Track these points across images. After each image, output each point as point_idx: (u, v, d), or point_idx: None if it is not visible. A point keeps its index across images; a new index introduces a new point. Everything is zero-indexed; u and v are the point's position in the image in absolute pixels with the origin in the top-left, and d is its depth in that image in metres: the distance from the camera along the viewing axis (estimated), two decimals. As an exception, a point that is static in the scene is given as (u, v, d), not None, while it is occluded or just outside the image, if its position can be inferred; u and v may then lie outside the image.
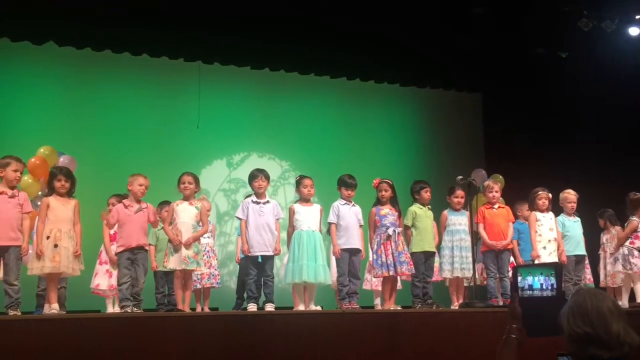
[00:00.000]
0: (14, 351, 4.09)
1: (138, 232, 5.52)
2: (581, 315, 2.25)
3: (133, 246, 5.46)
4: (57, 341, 4.21)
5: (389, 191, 6.20)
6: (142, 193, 5.62)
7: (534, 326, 2.48)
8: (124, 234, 5.53)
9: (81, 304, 6.26)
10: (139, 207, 5.59)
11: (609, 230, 7.20)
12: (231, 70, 8.56)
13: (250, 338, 4.63)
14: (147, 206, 5.65)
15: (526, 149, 8.87)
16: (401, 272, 6.07)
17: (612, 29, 8.13)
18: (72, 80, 8.25)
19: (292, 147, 9.31)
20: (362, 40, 8.33)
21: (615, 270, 6.84)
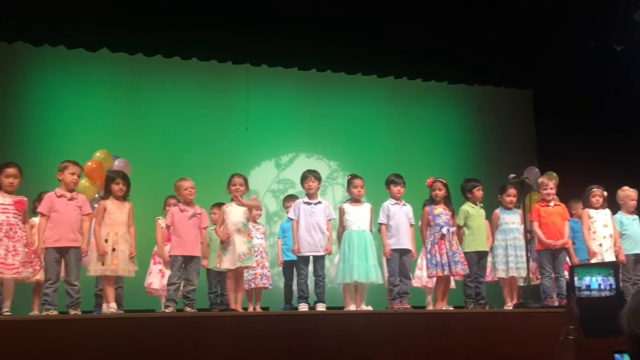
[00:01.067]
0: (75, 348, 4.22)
1: (193, 241, 5.61)
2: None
3: (187, 255, 5.57)
4: (115, 339, 4.33)
5: (443, 190, 6.14)
6: (191, 195, 5.70)
7: (592, 327, 2.42)
8: (178, 240, 5.62)
9: (137, 302, 6.41)
10: (194, 212, 5.68)
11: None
12: (279, 72, 8.63)
13: (303, 338, 4.66)
14: (201, 212, 5.74)
15: (580, 146, 8.64)
16: (455, 272, 6.01)
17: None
18: (125, 86, 8.48)
19: (340, 147, 9.32)
20: (409, 38, 8.27)
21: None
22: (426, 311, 6.27)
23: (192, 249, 5.58)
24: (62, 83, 8.26)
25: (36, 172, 6.60)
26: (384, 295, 6.82)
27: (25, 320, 4.94)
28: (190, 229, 5.62)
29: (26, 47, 7.69)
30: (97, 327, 4.47)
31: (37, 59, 8.05)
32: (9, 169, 5.21)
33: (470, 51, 8.58)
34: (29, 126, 8.05)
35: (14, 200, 5.18)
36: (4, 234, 5.05)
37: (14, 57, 7.96)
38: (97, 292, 5.88)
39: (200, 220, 5.69)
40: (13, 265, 5.03)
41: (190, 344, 4.43)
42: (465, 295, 6.15)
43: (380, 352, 4.77)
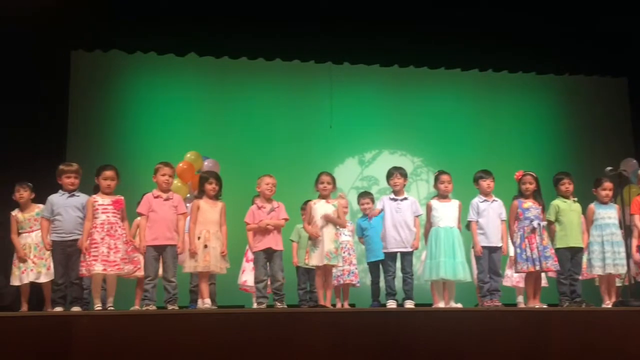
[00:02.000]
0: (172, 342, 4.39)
1: (271, 234, 5.71)
2: None
3: (267, 247, 5.68)
4: (211, 333, 4.46)
5: (533, 184, 5.96)
6: (269, 192, 5.79)
7: None
8: (258, 235, 5.75)
9: (228, 299, 6.60)
10: (271, 207, 5.78)
11: None
12: (361, 69, 8.67)
13: (393, 334, 4.63)
14: (278, 205, 5.84)
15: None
16: (546, 268, 5.82)
17: None
18: (212, 88, 8.79)
19: (424, 142, 9.24)
20: (493, 29, 8.09)
21: None
22: (519, 309, 6.11)
23: (269, 243, 5.68)
24: (153, 87, 8.66)
25: (132, 174, 6.93)
26: (472, 293, 6.71)
27: (127, 314, 5.20)
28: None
29: (120, 54, 8.12)
30: (193, 321, 4.64)
31: (131, 65, 8.46)
32: (107, 172, 5.49)
33: (560, 39, 8.29)
34: (125, 129, 8.48)
35: (112, 200, 5.46)
36: (106, 233, 5.33)
37: (109, 64, 8.42)
38: (192, 289, 6.10)
39: (277, 214, 5.77)
40: (115, 262, 5.30)
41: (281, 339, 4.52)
42: (560, 293, 5.94)
43: (471, 350, 4.68)
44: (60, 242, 5.45)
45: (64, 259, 5.43)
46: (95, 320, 4.52)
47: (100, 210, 5.39)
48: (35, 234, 5.98)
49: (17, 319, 4.69)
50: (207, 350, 4.40)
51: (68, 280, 5.41)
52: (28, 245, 5.97)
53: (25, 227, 6.03)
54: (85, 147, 7.95)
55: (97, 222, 5.35)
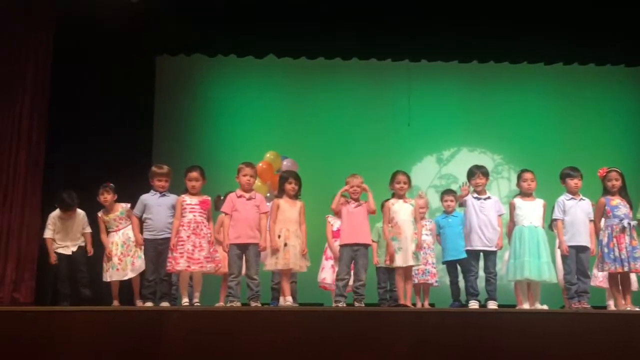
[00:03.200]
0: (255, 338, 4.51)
1: (356, 228, 5.70)
2: None
3: (351, 242, 5.67)
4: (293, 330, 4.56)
5: (619, 180, 5.73)
6: (355, 194, 5.79)
7: None
8: (346, 230, 5.76)
9: (308, 296, 6.67)
10: (358, 203, 5.80)
11: None
12: (439, 66, 8.57)
13: (476, 336, 4.58)
14: (366, 201, 5.84)
15: None
16: (635, 269, 5.58)
17: None
18: (291, 89, 8.91)
19: (504, 140, 9.02)
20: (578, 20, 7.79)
21: None
22: (610, 311, 5.88)
23: (355, 237, 5.67)
24: (234, 90, 8.88)
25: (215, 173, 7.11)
26: (558, 294, 6.51)
27: (212, 310, 5.39)
28: (354, 219, 5.71)
29: (202, 58, 8.38)
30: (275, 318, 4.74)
31: (212, 69, 8.71)
32: (191, 173, 5.68)
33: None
34: (207, 131, 8.74)
35: (199, 200, 5.64)
36: (192, 231, 5.52)
37: (192, 67, 8.70)
38: (274, 286, 6.21)
39: (364, 208, 5.75)
40: (198, 260, 5.48)
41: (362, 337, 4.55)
42: (652, 296, 5.68)
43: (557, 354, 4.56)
44: (152, 240, 5.68)
45: (155, 256, 5.66)
46: (184, 316, 4.71)
47: (188, 210, 5.58)
48: (122, 232, 6.29)
49: (110, 313, 4.95)
50: (288, 347, 4.49)
51: (158, 277, 5.64)
52: (115, 243, 6.29)
53: (112, 226, 6.35)
54: (170, 149, 8.22)
55: (185, 220, 5.55)
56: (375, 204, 5.80)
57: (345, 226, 5.76)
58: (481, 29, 7.90)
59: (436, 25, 7.89)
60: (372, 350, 4.52)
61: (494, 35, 8.00)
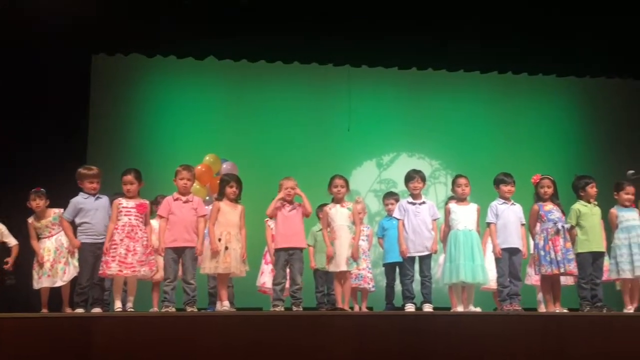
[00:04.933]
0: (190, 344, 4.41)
1: (290, 232, 5.68)
2: None
3: (286, 246, 5.65)
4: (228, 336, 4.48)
5: (551, 188, 5.93)
6: (289, 196, 5.76)
7: None
8: (281, 234, 5.73)
9: (246, 301, 6.62)
10: (292, 206, 5.79)
11: None
12: (379, 72, 8.67)
13: (413, 338, 4.62)
14: (300, 204, 5.82)
15: None
16: (569, 271, 5.77)
17: None
18: (231, 91, 8.86)
19: (442, 145, 9.21)
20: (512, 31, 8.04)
21: None
22: (540, 314, 6.06)
23: (291, 241, 5.65)
24: (173, 91, 8.74)
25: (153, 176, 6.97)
26: (490, 297, 6.68)
27: (146, 316, 5.25)
28: (289, 223, 5.70)
29: (140, 58, 8.19)
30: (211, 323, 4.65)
31: (151, 69, 8.54)
32: (126, 177, 5.55)
33: (581, 41, 8.21)
34: (145, 133, 8.56)
35: (136, 203, 5.51)
36: (126, 235, 5.38)
37: (129, 68, 8.49)
38: (210, 291, 6.13)
39: (299, 212, 5.74)
40: (131, 264, 5.34)
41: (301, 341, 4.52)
42: (581, 298, 5.88)
43: (491, 355, 4.66)
44: (92, 244, 5.51)
45: (93, 261, 5.47)
46: (115, 322, 4.57)
47: (124, 213, 5.45)
48: (55, 237, 6.03)
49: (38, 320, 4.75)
50: (225, 353, 4.42)
51: (92, 282, 5.46)
52: (47, 249, 6.01)
53: (44, 232, 6.05)
54: (106, 151, 8.03)
55: (119, 223, 5.41)
56: (310, 206, 5.80)
57: (280, 230, 5.74)
58: (421, 36, 8.03)
59: (377, 31, 7.97)
60: (311, 354, 4.50)
61: (432, 43, 8.16)
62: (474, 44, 8.15)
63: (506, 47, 8.23)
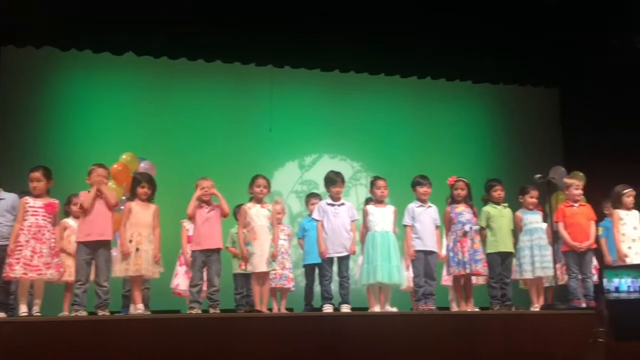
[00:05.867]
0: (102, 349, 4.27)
1: (207, 233, 5.60)
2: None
3: (203, 248, 5.58)
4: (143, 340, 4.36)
5: (465, 190, 6.12)
6: (206, 196, 5.69)
7: (624, 329, 2.38)
8: (198, 235, 5.65)
9: (163, 303, 6.47)
10: (211, 207, 5.71)
11: None
12: (302, 73, 8.68)
13: (330, 339, 4.65)
14: (218, 205, 5.76)
15: (606, 145, 8.53)
16: (476, 271, 5.97)
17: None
18: (150, 89, 8.61)
19: (363, 147, 9.32)
20: (432, 37, 8.25)
21: None
22: (452, 313, 6.23)
23: (210, 242, 5.58)
24: (88, 87, 8.41)
25: (66, 175, 6.71)
26: (408, 297, 6.81)
27: (54, 320, 5.03)
28: (208, 224, 5.62)
29: (53, 51, 7.85)
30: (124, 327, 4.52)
31: (64, 63, 8.20)
32: (33, 174, 5.33)
33: (495, 50, 8.53)
34: (58, 130, 8.20)
35: (44, 203, 5.28)
36: (32, 236, 5.16)
37: (42, 61, 8.11)
38: (125, 293, 5.96)
39: (217, 213, 5.68)
40: (37, 267, 5.12)
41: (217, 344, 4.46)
42: (491, 297, 6.11)
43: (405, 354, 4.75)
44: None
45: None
46: (20, 327, 4.35)
47: (31, 212, 5.21)
48: None
49: None
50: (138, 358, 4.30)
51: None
52: None
53: None
54: (17, 148, 7.65)
55: (25, 224, 5.17)
56: (227, 207, 5.74)
57: (197, 231, 5.65)
58: (343, 39, 8.10)
59: (300, 32, 7.99)
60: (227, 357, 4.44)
61: (354, 46, 8.25)
62: (394, 49, 8.30)
63: (425, 53, 8.43)
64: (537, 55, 8.66)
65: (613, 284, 2.47)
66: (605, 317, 2.39)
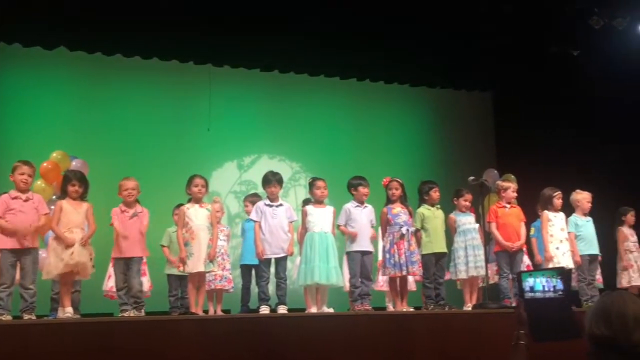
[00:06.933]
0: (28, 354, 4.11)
1: (133, 242, 5.48)
2: (603, 318, 2.17)
3: (127, 257, 5.47)
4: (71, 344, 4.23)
5: (399, 190, 6.19)
6: (130, 197, 5.56)
7: (541, 331, 2.43)
8: (120, 243, 5.50)
9: (95, 307, 6.29)
10: (134, 212, 5.57)
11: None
12: (241, 73, 8.60)
13: (265, 340, 4.63)
14: (142, 211, 5.62)
15: (538, 148, 8.83)
16: (412, 272, 6.05)
17: (623, 27, 8.06)
18: (84, 86, 8.33)
19: (302, 148, 9.32)
20: (371, 40, 8.31)
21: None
22: (386, 313, 6.30)
23: (131, 251, 5.47)
24: (19, 82, 8.07)
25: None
26: (346, 297, 6.84)
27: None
28: (130, 231, 5.50)
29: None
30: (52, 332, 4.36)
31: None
32: None
33: (432, 54, 8.69)
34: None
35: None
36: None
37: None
38: (53, 296, 5.76)
39: (140, 220, 5.56)
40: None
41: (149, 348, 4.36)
42: (425, 297, 6.21)
43: (341, 354, 4.77)
44: None
45: None
46: None
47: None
48: None
49: None
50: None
51: None
52: None
53: None
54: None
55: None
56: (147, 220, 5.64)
57: (119, 238, 5.51)
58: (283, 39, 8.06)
59: (240, 32, 7.89)
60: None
61: (294, 47, 8.23)
62: (334, 51, 8.32)
63: (364, 56, 8.49)
64: (472, 60, 8.87)
65: (528, 284, 2.52)
66: (524, 319, 2.44)
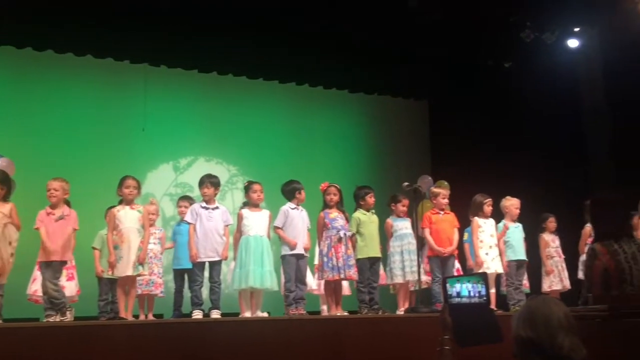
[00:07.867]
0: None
1: (58, 245, 5.30)
2: (529, 321, 2.21)
3: (52, 260, 5.28)
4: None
5: (337, 195, 6.23)
6: (53, 197, 5.39)
7: (465, 336, 2.47)
8: (45, 246, 5.31)
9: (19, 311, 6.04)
10: (61, 214, 5.39)
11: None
12: (178, 73, 8.46)
13: (197, 346, 4.55)
14: (69, 213, 5.45)
15: (471, 156, 9.06)
16: (349, 276, 6.09)
17: (552, 41, 8.37)
18: (12, 81, 8.01)
19: (239, 151, 9.27)
20: (311, 45, 8.34)
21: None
22: (321, 317, 6.32)
23: (57, 255, 5.30)
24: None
25: None
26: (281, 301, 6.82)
27: None
28: (56, 234, 5.33)
29: None
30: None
31: None
32: None
33: (370, 61, 8.79)
34: None
35: None
36: None
37: None
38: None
39: (67, 222, 5.39)
40: None
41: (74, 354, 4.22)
42: (359, 301, 6.26)
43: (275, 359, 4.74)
44: None
45: None
46: None
47: None
48: None
49: None
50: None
51: None
52: None
53: None
54: None
55: None
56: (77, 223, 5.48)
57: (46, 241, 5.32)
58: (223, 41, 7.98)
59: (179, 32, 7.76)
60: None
61: (234, 49, 8.15)
62: (273, 54, 8.30)
63: (304, 61, 8.51)
64: (409, 69, 9.03)
65: (455, 289, 2.57)
66: (449, 325, 2.48)
